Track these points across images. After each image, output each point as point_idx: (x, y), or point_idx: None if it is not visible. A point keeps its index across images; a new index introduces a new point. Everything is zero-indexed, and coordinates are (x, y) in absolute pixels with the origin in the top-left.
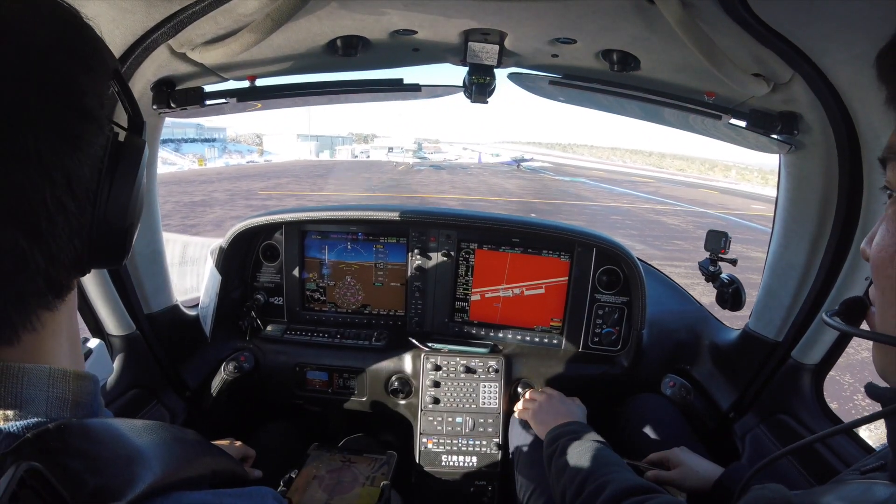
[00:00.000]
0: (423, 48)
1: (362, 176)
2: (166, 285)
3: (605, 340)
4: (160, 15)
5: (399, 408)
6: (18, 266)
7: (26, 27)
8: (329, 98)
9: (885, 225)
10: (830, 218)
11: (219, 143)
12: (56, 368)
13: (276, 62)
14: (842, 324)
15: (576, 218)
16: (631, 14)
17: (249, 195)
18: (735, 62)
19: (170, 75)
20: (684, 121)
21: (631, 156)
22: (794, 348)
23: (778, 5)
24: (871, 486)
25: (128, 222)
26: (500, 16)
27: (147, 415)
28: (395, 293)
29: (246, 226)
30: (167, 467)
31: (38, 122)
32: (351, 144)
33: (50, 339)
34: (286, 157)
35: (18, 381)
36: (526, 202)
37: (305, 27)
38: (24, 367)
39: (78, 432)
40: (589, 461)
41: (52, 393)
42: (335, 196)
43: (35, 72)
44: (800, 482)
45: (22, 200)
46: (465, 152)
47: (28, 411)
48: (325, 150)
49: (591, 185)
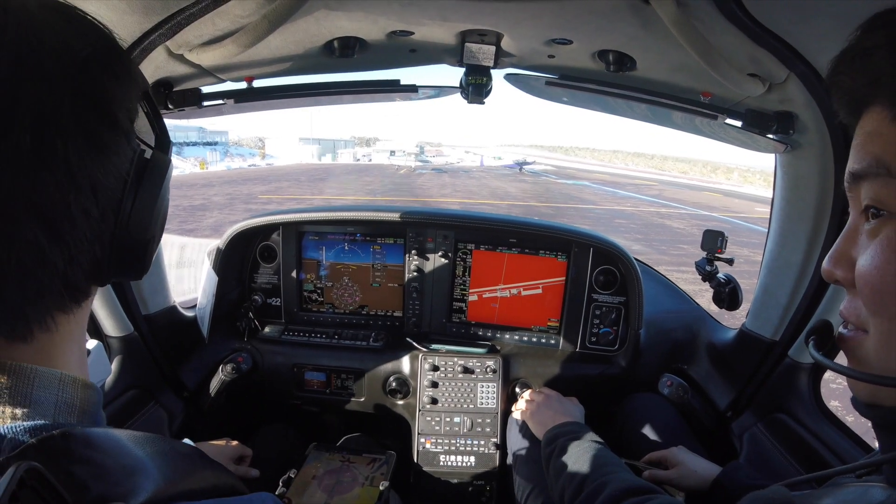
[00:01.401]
0: (420, 49)
1: (364, 179)
2: (164, 287)
3: (603, 340)
4: (157, 16)
5: (397, 408)
6: (37, 262)
7: (64, 38)
8: (326, 99)
9: (879, 246)
10: (826, 217)
11: (221, 147)
12: (66, 374)
13: (274, 63)
14: (829, 360)
15: (579, 222)
16: (626, 14)
17: (249, 199)
18: (730, 62)
19: (167, 77)
20: (680, 121)
21: (633, 159)
22: (791, 347)
23: (772, 4)
24: (869, 489)
25: (149, 235)
26: (497, 17)
27: (145, 415)
28: (392, 294)
29: (243, 227)
30: (168, 479)
31: (68, 126)
32: (353, 148)
33: (62, 343)
34: (288, 161)
35: (30, 382)
36: (528, 206)
37: (303, 28)
38: (37, 368)
39: (81, 440)
40: (587, 461)
41: (62, 397)
42: (336, 200)
43: (70, 80)
44: (799, 483)
45: (45, 199)
46: (467, 155)
47: (36, 412)
48: (327, 153)
49: (593, 189)
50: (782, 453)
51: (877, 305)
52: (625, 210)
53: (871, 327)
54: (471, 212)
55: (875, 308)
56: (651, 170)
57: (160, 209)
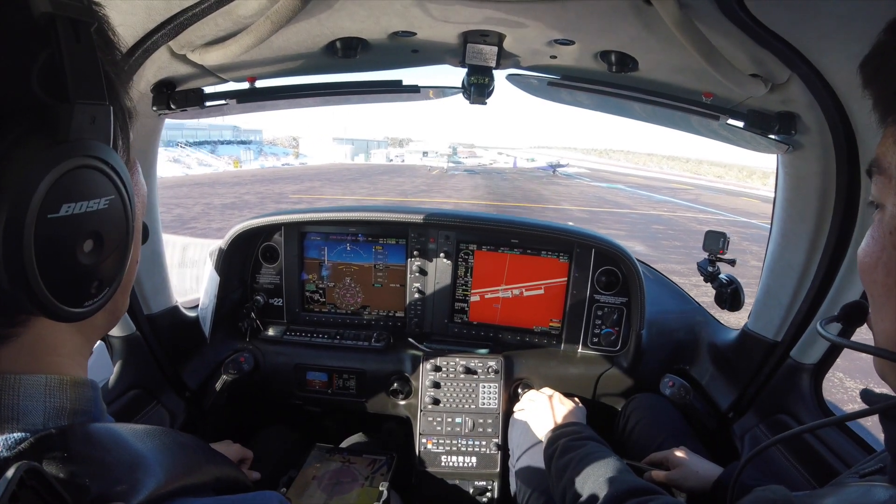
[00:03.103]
0: (423, 50)
1: (395, 180)
2: (166, 286)
3: (605, 341)
4: (160, 17)
5: (399, 408)
6: None
7: None
8: (328, 99)
9: (870, 231)
10: (828, 218)
11: (255, 146)
12: (52, 377)
13: (276, 63)
14: (832, 334)
15: (614, 227)
16: (629, 15)
17: (280, 198)
18: (732, 63)
19: (170, 77)
20: (682, 121)
21: (668, 162)
22: (793, 348)
23: (774, 5)
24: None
25: None
26: (499, 17)
27: (147, 415)
28: (394, 294)
29: (245, 227)
30: (170, 474)
31: None
32: (386, 148)
33: (50, 337)
34: (321, 161)
35: (15, 393)
36: (562, 209)
37: (305, 29)
38: (21, 378)
39: (80, 437)
40: (588, 463)
41: (49, 403)
42: (367, 201)
43: None
44: (799, 482)
45: None
46: (500, 157)
47: (25, 423)
48: (360, 153)
49: (628, 192)
50: (784, 454)
51: (863, 282)
52: (661, 215)
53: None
54: (472, 212)
55: (863, 284)
56: (686, 173)
57: None
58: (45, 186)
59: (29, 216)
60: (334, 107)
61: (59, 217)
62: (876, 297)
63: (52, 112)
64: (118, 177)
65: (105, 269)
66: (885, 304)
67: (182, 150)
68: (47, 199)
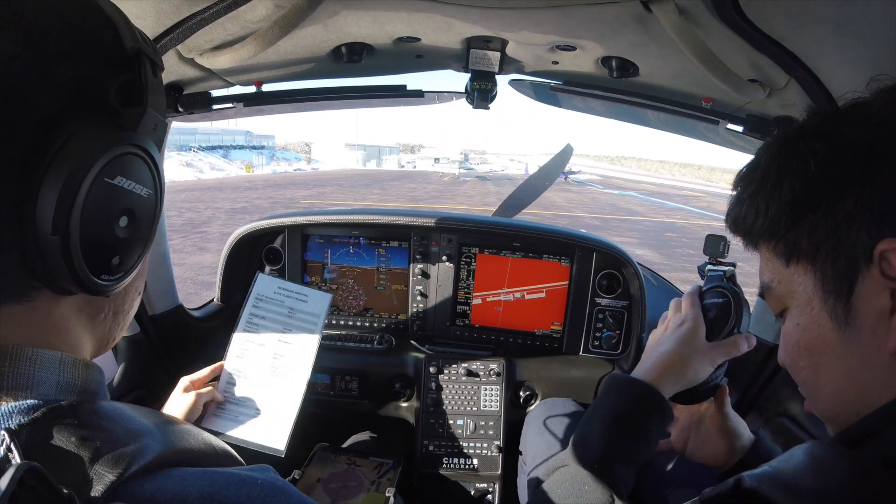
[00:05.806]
0: (426, 55)
1: (407, 186)
2: (171, 287)
3: (606, 344)
4: (169, 21)
5: (400, 410)
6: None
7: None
8: (333, 103)
9: (781, 335)
10: None
11: (267, 151)
12: (67, 355)
13: (283, 68)
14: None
15: (627, 234)
16: (629, 22)
17: (291, 203)
18: (731, 68)
19: (177, 80)
20: (682, 126)
21: (680, 168)
22: None
23: (771, 11)
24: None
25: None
26: (502, 23)
27: None
28: (397, 297)
29: (248, 230)
30: (172, 443)
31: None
32: (398, 154)
33: (61, 322)
34: (333, 166)
35: (32, 364)
36: (574, 216)
37: (312, 34)
38: (38, 351)
39: (90, 409)
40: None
41: (63, 378)
42: (378, 207)
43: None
44: None
45: None
46: (511, 163)
47: (39, 393)
48: (371, 159)
49: (641, 199)
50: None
51: (795, 376)
52: (675, 223)
53: None
54: (475, 216)
55: (796, 379)
56: (699, 180)
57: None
58: (110, 155)
59: (91, 172)
60: (346, 113)
61: (112, 183)
62: (808, 381)
63: (125, 114)
64: (159, 178)
65: (129, 249)
66: (815, 383)
67: (195, 155)
68: (108, 166)
